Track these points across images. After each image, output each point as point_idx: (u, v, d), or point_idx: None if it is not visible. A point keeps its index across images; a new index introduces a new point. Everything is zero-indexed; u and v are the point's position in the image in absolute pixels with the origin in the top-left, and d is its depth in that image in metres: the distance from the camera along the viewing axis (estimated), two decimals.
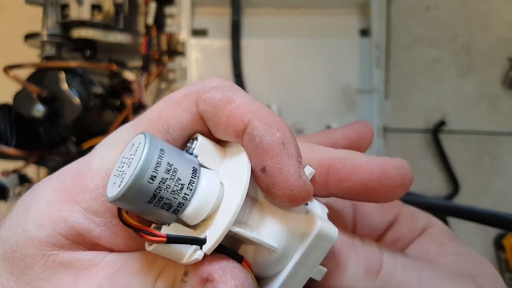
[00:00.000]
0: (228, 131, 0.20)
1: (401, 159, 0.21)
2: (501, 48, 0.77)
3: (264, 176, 0.19)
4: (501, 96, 0.78)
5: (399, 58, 0.77)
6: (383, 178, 0.20)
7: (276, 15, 0.72)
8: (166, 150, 0.18)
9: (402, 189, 0.21)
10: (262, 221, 0.20)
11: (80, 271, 0.20)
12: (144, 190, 0.17)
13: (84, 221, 0.20)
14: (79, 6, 0.66)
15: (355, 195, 0.22)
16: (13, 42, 0.71)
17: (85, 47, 0.68)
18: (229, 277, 0.18)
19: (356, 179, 0.21)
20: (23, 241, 0.20)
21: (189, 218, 0.19)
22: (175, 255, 0.18)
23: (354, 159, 0.21)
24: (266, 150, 0.19)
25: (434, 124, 0.78)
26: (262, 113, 0.19)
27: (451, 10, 0.78)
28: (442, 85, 0.78)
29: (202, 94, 0.20)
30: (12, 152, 0.59)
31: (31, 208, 0.21)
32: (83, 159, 0.22)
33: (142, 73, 0.69)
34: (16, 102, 0.60)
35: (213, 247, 0.18)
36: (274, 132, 0.19)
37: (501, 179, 0.78)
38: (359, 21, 0.73)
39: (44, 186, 0.22)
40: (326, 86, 0.70)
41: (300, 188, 0.19)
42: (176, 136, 0.20)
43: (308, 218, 0.21)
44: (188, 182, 0.18)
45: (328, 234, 0.20)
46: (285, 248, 0.20)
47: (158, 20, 0.71)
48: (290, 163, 0.19)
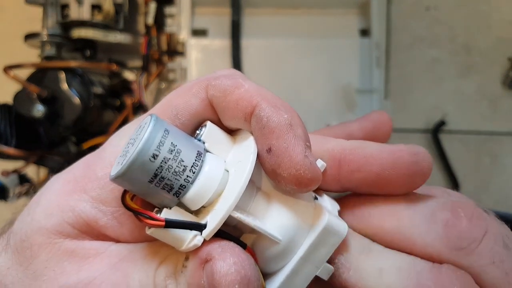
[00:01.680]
0: (237, 115, 0.19)
1: (416, 146, 0.20)
2: (501, 48, 0.77)
3: (270, 156, 0.18)
4: (501, 96, 0.78)
5: (399, 58, 0.77)
6: (397, 167, 0.19)
7: (276, 15, 0.72)
8: (171, 131, 0.18)
9: (419, 177, 0.20)
10: (267, 211, 0.20)
11: (84, 259, 0.20)
12: (145, 169, 0.17)
13: (91, 210, 0.20)
14: (79, 6, 0.66)
15: (370, 187, 0.20)
16: (13, 42, 0.71)
17: (85, 47, 0.68)
18: (228, 255, 0.17)
19: (369, 170, 0.20)
20: (32, 231, 0.20)
21: (191, 202, 0.18)
22: (175, 241, 0.18)
23: (366, 149, 0.20)
24: (272, 130, 0.18)
25: (434, 124, 0.78)
26: (270, 97, 0.19)
27: (451, 10, 0.78)
28: (442, 85, 0.78)
29: (212, 80, 0.20)
30: (12, 152, 0.59)
31: (41, 200, 0.21)
32: (95, 153, 0.22)
33: (142, 73, 0.69)
34: (16, 102, 0.60)
35: (213, 232, 0.18)
36: (281, 113, 0.19)
37: (501, 179, 0.78)
38: (359, 21, 0.73)
39: (55, 180, 0.22)
40: (326, 86, 0.70)
41: (307, 168, 0.18)
42: (185, 121, 0.20)
43: (316, 211, 0.20)
44: (191, 164, 0.18)
45: (336, 228, 0.19)
46: (290, 240, 0.19)
47: (158, 20, 0.71)
48: (297, 143, 0.18)
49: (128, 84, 0.70)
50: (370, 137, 0.27)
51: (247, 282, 0.17)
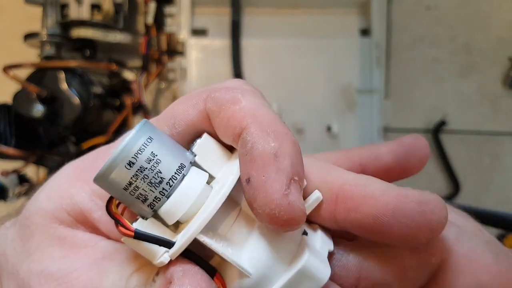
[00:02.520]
0: (227, 133, 0.18)
1: (429, 193, 0.17)
2: (501, 48, 0.77)
3: (248, 187, 0.17)
4: (502, 96, 0.78)
5: (400, 58, 0.77)
6: (399, 215, 0.16)
7: (276, 14, 0.72)
8: (155, 140, 0.17)
9: (426, 232, 0.16)
10: (247, 239, 0.18)
11: (72, 248, 0.20)
12: (120, 175, 0.17)
13: (88, 201, 0.20)
14: (78, 6, 0.65)
15: (366, 232, 0.18)
16: (12, 42, 0.71)
17: (84, 46, 0.68)
18: (186, 281, 0.16)
19: (366, 212, 0.17)
20: (34, 210, 0.21)
21: (166, 216, 0.18)
22: (146, 252, 0.17)
23: (367, 187, 0.17)
24: (254, 158, 0.16)
25: (434, 124, 0.78)
26: (264, 120, 0.17)
27: (452, 9, 0.78)
28: (443, 85, 0.78)
29: (213, 92, 0.19)
30: (11, 152, 0.59)
31: (49, 183, 0.22)
32: (108, 145, 0.22)
33: (142, 73, 0.69)
34: (16, 102, 0.60)
35: (178, 252, 0.17)
36: (269, 140, 0.17)
37: (501, 179, 0.78)
38: (359, 20, 0.73)
39: (68, 165, 0.23)
40: (326, 86, 0.70)
41: (283, 209, 0.16)
42: (181, 131, 0.20)
43: (299, 248, 0.18)
44: (169, 177, 0.17)
45: (314, 273, 0.17)
46: (262, 276, 0.17)
47: (157, 19, 0.71)
48: (277, 177, 0.16)
49: (128, 84, 0.70)
50: (402, 163, 0.23)
51: None
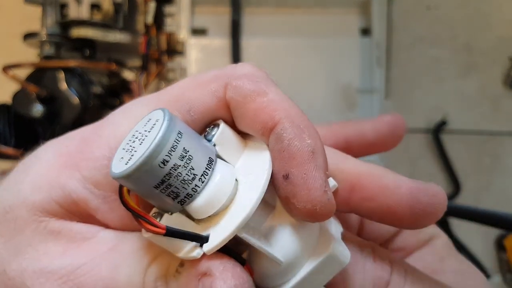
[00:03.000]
0: (254, 126, 0.18)
1: (435, 186, 0.19)
2: (502, 47, 0.77)
3: (286, 184, 0.17)
4: (502, 96, 0.77)
5: (400, 58, 0.77)
6: (413, 206, 0.18)
7: (276, 14, 0.72)
8: (184, 134, 0.17)
9: (432, 219, 0.19)
10: (272, 229, 0.18)
11: (69, 243, 0.19)
12: (152, 174, 0.16)
13: (82, 190, 0.19)
14: (78, 6, 0.65)
15: (379, 218, 0.20)
16: (12, 41, 0.71)
17: (84, 46, 0.67)
18: (229, 275, 0.17)
19: (383, 202, 0.19)
20: (17, 203, 0.19)
21: (195, 212, 0.18)
22: (172, 247, 0.17)
23: (383, 178, 0.19)
24: (293, 155, 0.17)
25: (435, 124, 0.78)
26: (295, 115, 0.18)
27: (452, 9, 0.78)
28: (443, 85, 0.78)
29: (233, 80, 0.19)
30: (11, 152, 0.59)
31: (29, 170, 0.20)
32: (92, 126, 0.21)
33: (142, 73, 0.69)
34: (15, 102, 0.60)
35: (215, 248, 0.17)
36: (304, 137, 0.17)
37: (502, 179, 0.78)
38: (359, 20, 0.73)
39: (46, 149, 0.21)
40: (326, 86, 0.70)
41: (323, 205, 0.17)
42: (196, 118, 0.19)
43: (321, 236, 0.19)
44: (201, 173, 0.17)
45: (339, 257, 0.19)
46: (291, 263, 0.18)
47: (157, 19, 0.70)
48: (317, 175, 0.17)
49: (128, 84, 0.70)
50: (383, 139, 0.26)
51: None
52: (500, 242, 0.76)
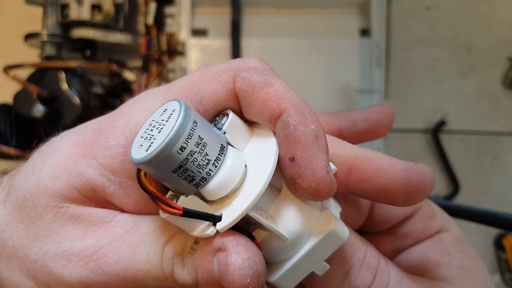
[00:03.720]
0: (262, 114, 0.20)
1: (425, 166, 0.21)
2: (501, 48, 0.77)
3: (292, 165, 0.19)
4: (501, 96, 0.78)
5: (399, 58, 0.77)
6: (405, 184, 0.20)
7: (276, 15, 0.72)
8: (198, 123, 0.18)
9: (422, 195, 0.21)
10: (278, 210, 0.20)
11: (89, 226, 0.20)
12: (171, 159, 0.17)
13: (99, 177, 0.20)
14: (79, 6, 0.66)
15: (374, 196, 0.21)
16: (13, 42, 0.71)
17: (85, 47, 0.68)
18: (242, 248, 0.18)
19: (378, 182, 0.21)
20: (37, 191, 0.20)
21: (209, 194, 0.19)
22: (187, 226, 0.19)
23: (377, 161, 0.21)
24: (298, 140, 0.19)
25: (434, 124, 0.78)
26: (299, 103, 0.19)
27: (452, 9, 0.78)
28: (443, 85, 0.78)
29: (241, 72, 0.20)
30: (12, 152, 0.59)
31: (47, 160, 0.21)
32: (106, 117, 0.22)
33: (142, 73, 0.69)
34: (16, 102, 0.60)
35: (228, 226, 0.18)
36: (308, 123, 0.19)
37: (501, 179, 0.78)
38: (359, 21, 0.73)
39: (62, 139, 0.22)
40: (326, 86, 0.70)
41: (326, 184, 0.18)
42: (208, 108, 0.20)
43: (322, 214, 0.21)
44: (214, 158, 0.19)
45: (339, 234, 0.20)
46: (295, 239, 0.20)
47: (158, 20, 0.71)
48: (321, 157, 0.19)
49: (128, 84, 0.70)
50: (373, 128, 0.28)
51: (257, 277, 0.18)
52: (499, 242, 0.77)
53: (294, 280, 0.21)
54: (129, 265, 0.20)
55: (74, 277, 0.20)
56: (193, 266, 0.19)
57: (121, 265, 0.20)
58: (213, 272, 0.19)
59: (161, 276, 0.20)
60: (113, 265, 0.20)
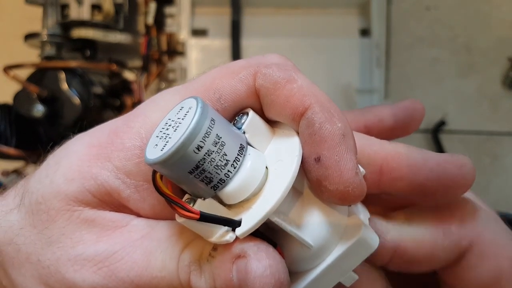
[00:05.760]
0: (284, 112, 0.18)
1: (463, 156, 0.19)
2: (501, 48, 0.77)
3: (318, 167, 0.17)
4: (502, 96, 0.78)
5: (399, 58, 0.77)
6: (443, 178, 0.19)
7: (276, 15, 0.72)
8: (216, 121, 0.17)
9: (464, 188, 0.19)
10: (302, 214, 0.19)
11: (103, 230, 0.20)
12: (187, 159, 0.16)
13: (114, 180, 0.19)
14: (79, 6, 0.66)
15: (411, 195, 0.20)
16: (13, 42, 0.71)
17: (85, 47, 0.68)
18: (264, 255, 0.17)
19: (413, 180, 0.19)
20: (50, 194, 0.20)
21: (227, 197, 0.18)
22: (204, 232, 0.18)
23: (410, 156, 0.19)
24: (324, 138, 0.17)
25: (434, 124, 0.78)
26: (324, 100, 0.18)
27: (452, 10, 0.78)
28: (442, 85, 0.78)
29: (262, 68, 0.19)
30: (12, 152, 0.59)
31: (61, 162, 0.20)
32: (122, 118, 0.21)
33: (142, 73, 0.69)
34: (16, 102, 0.60)
35: (248, 232, 0.17)
36: (335, 121, 0.17)
37: (501, 179, 0.78)
38: (359, 21, 0.73)
39: (76, 141, 0.21)
40: (326, 86, 0.70)
41: (355, 186, 0.17)
42: (226, 106, 0.19)
43: (350, 220, 0.19)
44: (233, 159, 0.17)
45: (368, 242, 0.19)
46: (321, 247, 0.19)
47: (158, 20, 0.71)
48: (349, 157, 0.17)
49: (128, 84, 0.70)
50: (402, 124, 0.26)
51: (280, 286, 0.17)
52: None
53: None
54: (144, 271, 0.19)
55: (86, 282, 0.19)
56: (211, 274, 0.18)
57: (135, 272, 0.19)
58: (232, 281, 0.17)
59: (177, 284, 0.19)
60: (127, 271, 0.19)
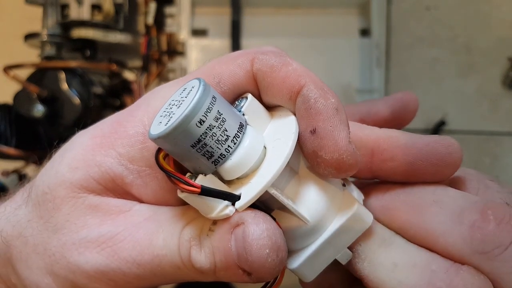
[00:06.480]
0: (282, 92, 0.20)
1: (450, 137, 0.20)
2: (501, 48, 0.77)
3: (313, 138, 0.18)
4: (502, 96, 0.78)
5: (399, 58, 0.77)
6: (432, 158, 0.20)
7: (276, 15, 0.72)
8: (218, 99, 0.18)
9: (452, 168, 0.20)
10: (299, 192, 0.20)
11: (107, 215, 0.20)
12: (190, 133, 0.17)
13: (117, 166, 0.20)
14: (79, 6, 0.66)
15: (401, 176, 0.21)
16: (13, 42, 0.71)
17: (85, 47, 0.68)
18: (261, 220, 0.18)
19: (403, 159, 0.20)
20: (55, 183, 0.20)
21: (227, 172, 0.19)
22: (205, 207, 0.18)
23: (400, 138, 0.20)
24: (319, 111, 0.18)
25: (434, 124, 0.78)
26: (317, 80, 0.20)
27: (452, 10, 0.78)
28: (442, 85, 0.78)
29: (259, 54, 0.20)
30: (12, 152, 0.59)
31: (66, 154, 0.21)
32: (125, 110, 0.22)
33: (142, 73, 0.69)
34: (16, 102, 0.60)
35: (247, 204, 0.18)
36: (328, 97, 0.19)
37: (501, 179, 0.78)
38: (359, 21, 0.73)
39: (81, 134, 0.22)
40: None
41: (349, 154, 0.18)
42: (226, 90, 0.20)
43: (345, 198, 0.20)
44: (233, 135, 0.18)
45: (363, 217, 0.20)
46: (317, 222, 0.19)
47: (158, 20, 0.71)
48: (342, 127, 0.18)
49: (128, 84, 0.70)
50: (397, 116, 0.27)
51: (277, 249, 0.17)
52: None
53: (316, 268, 0.20)
54: (145, 250, 0.19)
55: (90, 264, 0.19)
56: (210, 248, 0.19)
57: (137, 251, 0.19)
58: (231, 251, 0.18)
59: (178, 261, 0.19)
60: (129, 251, 0.19)
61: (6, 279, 0.21)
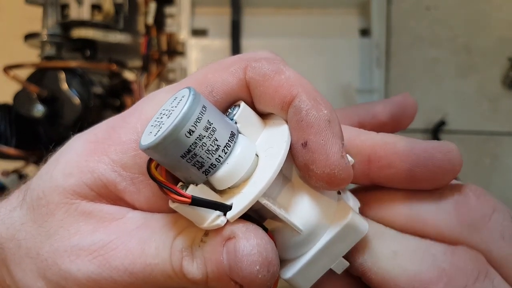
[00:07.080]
0: (274, 102, 0.19)
1: (449, 142, 0.20)
2: (501, 48, 0.77)
3: (305, 151, 0.18)
4: (502, 96, 0.78)
5: (399, 58, 0.77)
6: (430, 164, 0.19)
7: (276, 15, 0.72)
8: (208, 108, 0.18)
9: (451, 174, 0.20)
10: (292, 201, 0.19)
11: (100, 222, 0.20)
12: (179, 143, 0.17)
13: (110, 173, 0.20)
14: (79, 6, 0.66)
15: (399, 183, 0.20)
16: (13, 42, 0.71)
17: (85, 47, 0.68)
18: (252, 235, 0.18)
19: (400, 166, 0.20)
20: (49, 188, 0.20)
21: (218, 182, 0.19)
22: (197, 217, 0.18)
23: (397, 144, 0.20)
24: (311, 124, 0.18)
25: (434, 124, 0.78)
26: (311, 89, 0.19)
27: (452, 10, 0.78)
28: (442, 85, 0.78)
29: (252, 62, 0.20)
30: (12, 152, 0.59)
31: (60, 159, 0.21)
32: (119, 115, 0.22)
33: (142, 73, 0.69)
34: (16, 102, 0.60)
35: (238, 214, 0.18)
36: (321, 108, 0.19)
37: (501, 179, 0.78)
38: (359, 21, 0.73)
39: (75, 139, 0.22)
40: (326, 86, 0.70)
41: (341, 168, 0.18)
42: (218, 99, 0.20)
43: (339, 206, 0.20)
44: (224, 144, 0.18)
45: (358, 226, 0.19)
46: (310, 232, 0.19)
47: (158, 20, 0.71)
48: (334, 141, 0.18)
49: (128, 84, 0.70)
50: (395, 119, 0.27)
51: (268, 264, 0.17)
52: None
53: (311, 278, 0.20)
54: (137, 259, 0.19)
55: (81, 272, 0.19)
56: (202, 259, 0.19)
57: (130, 260, 0.19)
58: (223, 263, 0.18)
59: (170, 271, 0.19)
60: (122, 260, 0.19)
61: (1, 279, 0.21)
